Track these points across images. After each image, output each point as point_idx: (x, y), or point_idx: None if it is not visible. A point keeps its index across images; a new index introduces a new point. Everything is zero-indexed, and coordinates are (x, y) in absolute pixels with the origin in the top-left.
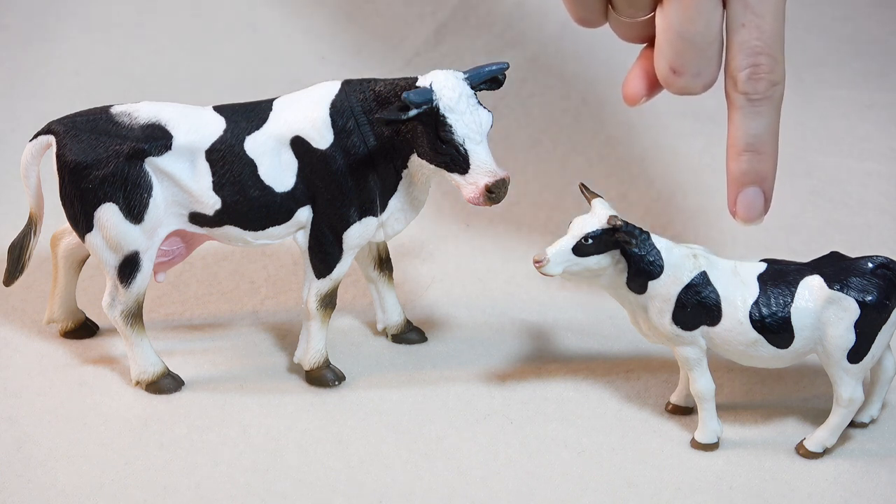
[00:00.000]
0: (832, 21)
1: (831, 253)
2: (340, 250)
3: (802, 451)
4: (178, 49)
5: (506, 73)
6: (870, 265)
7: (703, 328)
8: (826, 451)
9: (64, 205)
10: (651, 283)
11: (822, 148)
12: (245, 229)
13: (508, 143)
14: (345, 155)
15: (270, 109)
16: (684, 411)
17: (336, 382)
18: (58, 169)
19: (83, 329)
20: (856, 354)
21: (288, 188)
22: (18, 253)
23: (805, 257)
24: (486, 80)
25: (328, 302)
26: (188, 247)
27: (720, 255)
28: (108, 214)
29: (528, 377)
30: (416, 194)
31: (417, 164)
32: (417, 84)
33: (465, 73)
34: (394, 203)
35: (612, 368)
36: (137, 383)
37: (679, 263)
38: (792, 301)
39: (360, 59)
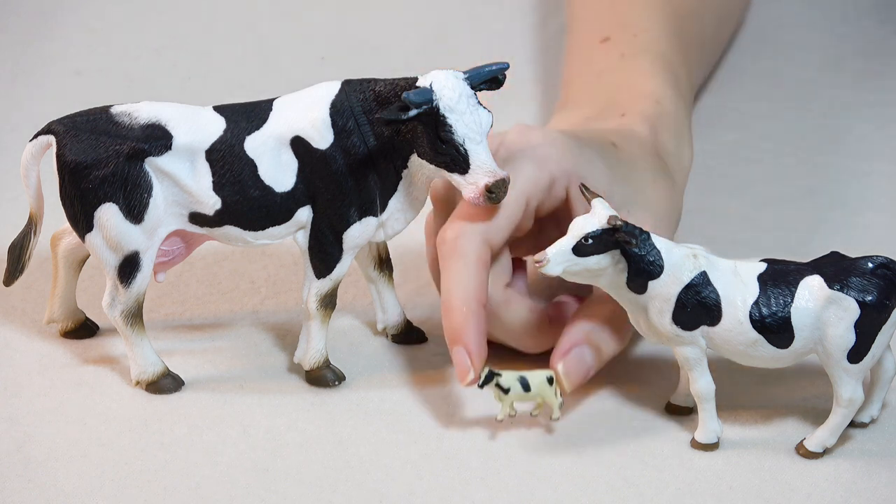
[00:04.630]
0: (832, 21)
1: (831, 253)
2: (340, 250)
3: (802, 451)
4: (178, 49)
5: (506, 73)
6: (870, 265)
7: (703, 328)
8: (826, 451)
9: (64, 205)
10: (651, 283)
11: (822, 148)
12: (245, 229)
13: None
14: (345, 155)
15: (270, 109)
16: (684, 411)
17: (336, 382)
18: (58, 169)
19: (83, 329)
20: (856, 354)
21: (288, 188)
22: (18, 253)
23: (805, 257)
24: (486, 80)
25: (328, 302)
26: (188, 247)
27: (720, 255)
28: (108, 214)
29: None
30: (416, 194)
31: (417, 165)
32: (417, 84)
33: (465, 73)
34: (394, 203)
35: (612, 368)
36: (137, 383)
37: (679, 263)
38: (792, 301)
39: (360, 59)
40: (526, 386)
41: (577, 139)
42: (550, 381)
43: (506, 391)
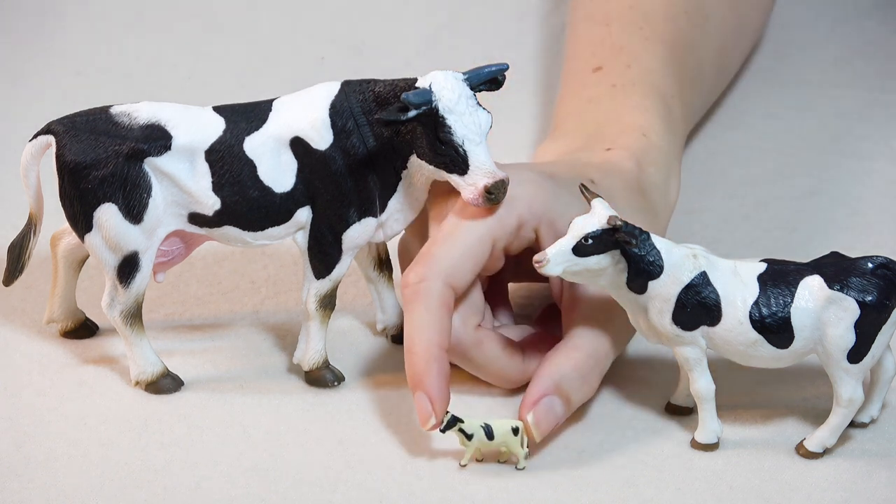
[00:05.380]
0: (832, 21)
1: (831, 253)
2: (339, 251)
3: (802, 451)
4: (178, 49)
5: (505, 73)
6: (870, 265)
7: (703, 328)
8: (826, 451)
9: (63, 205)
10: (651, 284)
11: (822, 148)
12: (244, 230)
13: (509, 144)
14: (344, 156)
15: (270, 110)
16: (684, 411)
17: (335, 383)
18: (57, 169)
19: (83, 329)
20: (856, 354)
21: (287, 189)
22: (18, 253)
23: (805, 257)
24: (486, 81)
25: (327, 302)
26: (188, 247)
27: (720, 255)
28: (108, 215)
29: None
30: (416, 195)
31: (417, 165)
32: (417, 85)
33: (464, 73)
34: (393, 204)
35: (612, 368)
36: (137, 383)
37: (679, 263)
38: (792, 301)
39: (360, 59)
40: (490, 434)
41: (551, 177)
42: (516, 431)
43: (469, 437)
